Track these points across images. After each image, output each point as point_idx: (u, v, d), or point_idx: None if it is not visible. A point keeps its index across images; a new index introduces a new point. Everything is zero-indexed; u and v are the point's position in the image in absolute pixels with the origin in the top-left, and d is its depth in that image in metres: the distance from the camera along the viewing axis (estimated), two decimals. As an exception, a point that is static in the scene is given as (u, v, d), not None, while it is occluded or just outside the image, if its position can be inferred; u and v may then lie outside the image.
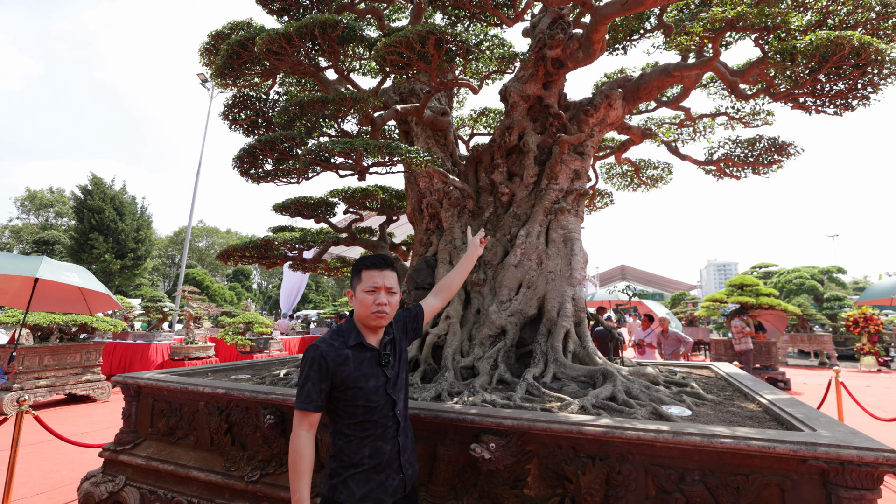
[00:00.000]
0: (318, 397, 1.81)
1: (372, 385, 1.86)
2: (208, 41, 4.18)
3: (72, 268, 5.68)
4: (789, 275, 19.86)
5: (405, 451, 1.95)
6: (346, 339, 1.91)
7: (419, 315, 2.24)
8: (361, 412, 1.84)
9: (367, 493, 1.80)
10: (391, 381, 1.94)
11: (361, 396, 1.84)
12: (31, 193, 45.59)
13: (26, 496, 4.51)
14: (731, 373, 3.86)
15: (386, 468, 1.86)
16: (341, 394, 1.84)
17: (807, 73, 3.43)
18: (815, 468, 1.91)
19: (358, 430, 1.85)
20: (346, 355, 1.85)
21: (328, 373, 1.82)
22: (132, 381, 3.63)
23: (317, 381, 1.81)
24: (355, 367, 1.85)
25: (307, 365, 1.84)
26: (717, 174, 4.81)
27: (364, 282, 1.96)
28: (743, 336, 10.11)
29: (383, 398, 1.89)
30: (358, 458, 1.82)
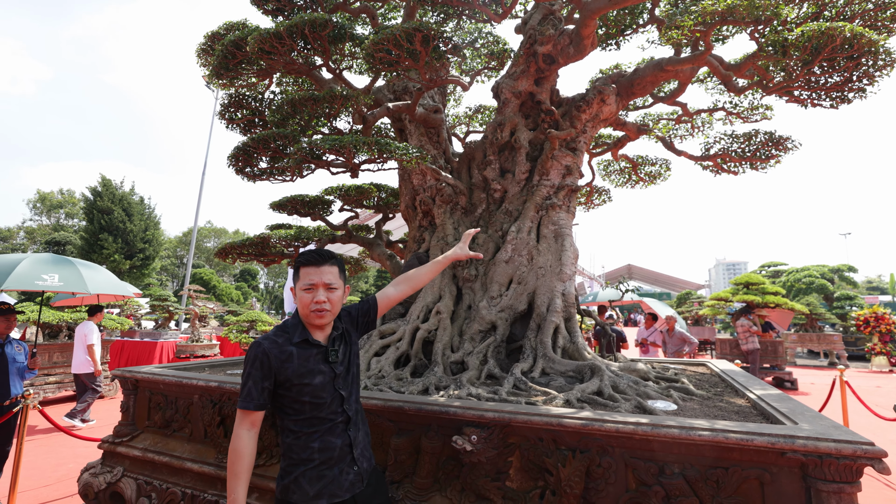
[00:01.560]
0: (260, 396, 1.75)
1: (318, 381, 1.81)
2: (205, 42, 4.24)
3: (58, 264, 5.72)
4: (798, 273, 19.62)
5: (357, 444, 1.90)
6: (290, 336, 1.86)
7: (372, 307, 2.16)
8: (308, 409, 1.80)
9: (321, 491, 1.75)
10: (339, 377, 1.89)
11: (307, 393, 1.79)
12: (42, 195, 46.40)
13: (33, 488, 4.64)
14: (726, 370, 3.84)
15: (338, 462, 1.81)
16: (286, 391, 1.79)
17: (800, 66, 3.39)
18: (794, 461, 1.90)
19: (305, 426, 1.80)
20: (289, 352, 1.80)
21: (271, 370, 1.77)
22: (130, 374, 3.69)
23: (259, 380, 1.76)
24: (300, 364, 1.80)
25: (249, 363, 1.78)
26: (714, 170, 4.77)
27: (301, 280, 1.90)
28: (749, 335, 10.02)
29: (330, 394, 1.84)
30: (307, 453, 1.77)
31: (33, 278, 5.27)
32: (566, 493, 2.15)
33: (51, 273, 5.54)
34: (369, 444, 2.02)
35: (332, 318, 1.94)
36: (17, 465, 4.17)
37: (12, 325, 4.40)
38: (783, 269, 21.02)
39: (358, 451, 1.89)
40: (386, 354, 3.44)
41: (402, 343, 3.50)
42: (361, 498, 1.85)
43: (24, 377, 4.51)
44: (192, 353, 10.53)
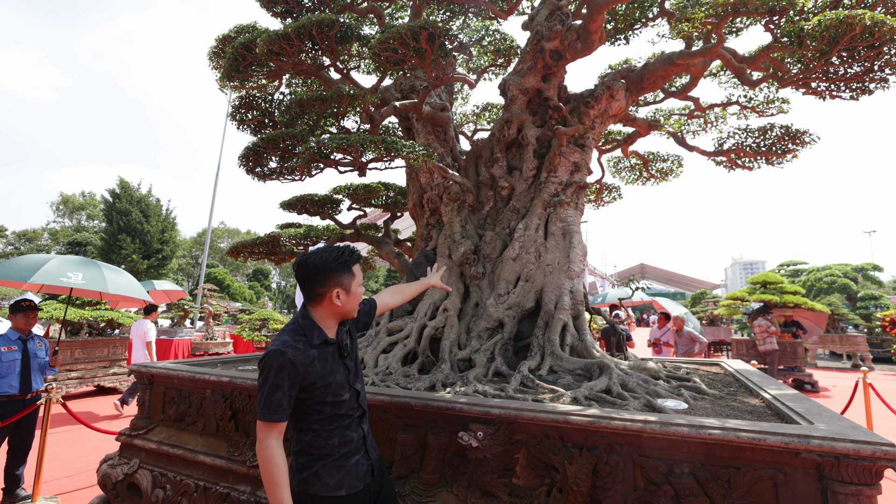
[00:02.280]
0: (289, 406, 1.73)
1: (338, 379, 1.85)
2: (216, 45, 4.29)
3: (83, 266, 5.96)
4: (819, 273, 19.12)
5: (368, 436, 1.99)
6: (309, 339, 1.84)
7: (371, 309, 2.28)
8: (329, 408, 1.83)
9: (340, 481, 1.80)
10: (352, 373, 1.95)
11: (329, 393, 1.82)
12: (64, 198, 47.66)
13: (56, 478, 4.79)
14: (741, 369, 3.76)
15: (355, 454, 1.87)
16: (309, 394, 1.79)
17: (817, 57, 3.30)
18: (810, 462, 1.84)
19: (326, 424, 1.83)
20: (312, 356, 1.80)
21: (297, 378, 1.74)
22: (146, 369, 3.77)
23: (286, 389, 1.71)
24: (321, 366, 1.81)
25: (273, 372, 1.71)
26: (727, 165, 4.68)
27: (358, 277, 1.97)
28: (767, 336, 9.81)
29: (348, 391, 1.89)
30: (327, 449, 1.81)
31: (59, 275, 5.54)
32: (573, 491, 2.12)
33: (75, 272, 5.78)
34: (372, 435, 2.10)
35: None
36: (41, 457, 4.33)
37: (32, 322, 4.53)
38: (803, 268, 20.51)
39: (369, 442, 1.97)
40: (393, 351, 3.45)
41: (409, 340, 3.50)
42: (373, 485, 1.93)
43: (45, 373, 4.64)
44: (207, 351, 10.70)
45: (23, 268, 5.45)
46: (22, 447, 4.43)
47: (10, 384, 4.25)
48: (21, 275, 5.36)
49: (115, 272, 6.55)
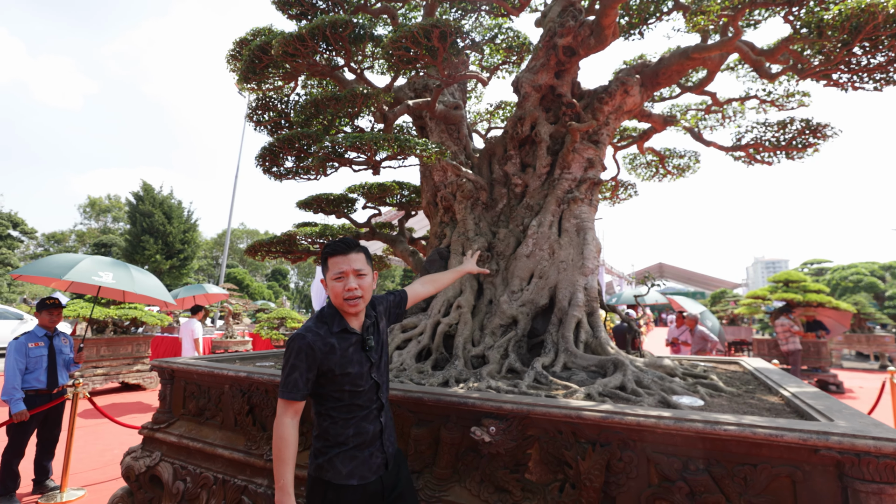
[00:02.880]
0: (305, 387, 1.81)
1: (357, 370, 1.87)
2: (233, 48, 4.38)
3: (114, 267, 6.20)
4: (845, 271, 18.58)
5: (387, 430, 1.99)
6: (330, 326, 1.89)
7: (403, 300, 2.26)
8: (347, 396, 1.87)
9: (352, 471, 1.84)
10: (375, 365, 1.96)
11: (347, 382, 1.85)
12: (91, 200, 49.01)
13: (82, 471, 4.97)
14: (760, 367, 3.69)
15: (369, 446, 1.90)
16: (327, 381, 1.85)
17: (838, 47, 3.22)
18: (829, 459, 1.81)
19: (343, 412, 1.87)
20: (331, 344, 1.84)
21: (315, 362, 1.81)
22: (167, 365, 3.87)
23: (304, 371, 1.80)
24: (341, 355, 1.85)
25: (293, 354, 1.81)
26: (746, 160, 4.59)
27: (331, 269, 1.94)
28: (790, 335, 9.59)
29: (368, 382, 1.91)
30: (343, 437, 1.86)
31: (91, 274, 5.80)
32: (586, 487, 2.11)
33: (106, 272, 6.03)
34: (394, 429, 2.11)
35: (365, 305, 1.98)
36: (68, 450, 4.48)
37: (57, 320, 4.69)
38: (828, 266, 19.97)
39: (386, 436, 1.98)
40: (407, 348, 3.47)
41: (423, 337, 3.52)
42: (387, 478, 1.93)
43: (70, 369, 4.80)
44: (227, 349, 10.90)
45: (58, 265, 5.72)
46: (50, 440, 4.60)
47: (38, 379, 4.42)
48: (56, 272, 5.63)
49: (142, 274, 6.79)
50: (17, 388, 4.21)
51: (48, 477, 4.60)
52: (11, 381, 4.21)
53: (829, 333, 10.70)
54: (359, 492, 1.83)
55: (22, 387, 4.28)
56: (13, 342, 4.38)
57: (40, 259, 5.91)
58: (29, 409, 4.24)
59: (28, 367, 4.37)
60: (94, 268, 5.86)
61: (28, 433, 4.35)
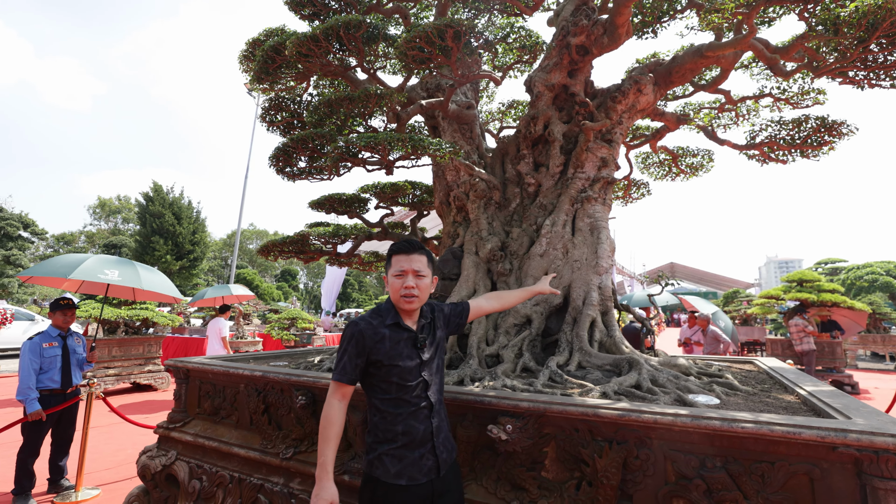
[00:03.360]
0: (353, 371, 1.90)
1: (405, 365, 1.93)
2: (246, 48, 4.43)
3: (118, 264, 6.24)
4: (860, 271, 18.34)
5: (439, 433, 2.00)
6: (384, 318, 1.98)
7: (465, 311, 2.32)
8: (395, 389, 1.92)
9: (401, 471, 1.86)
10: (425, 364, 2.00)
11: (395, 374, 1.91)
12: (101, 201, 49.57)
13: (97, 470, 5.00)
14: (775, 367, 3.66)
15: (419, 447, 1.91)
16: (376, 370, 1.92)
17: (855, 44, 3.19)
18: (847, 456, 1.80)
19: (391, 406, 1.92)
20: (382, 334, 1.93)
21: (364, 349, 1.90)
22: (181, 364, 3.89)
23: (353, 356, 1.90)
24: (391, 346, 1.92)
25: (346, 340, 1.93)
26: (760, 159, 4.56)
27: (393, 266, 2.04)
28: (804, 336, 9.50)
29: (416, 378, 1.95)
30: (392, 434, 1.90)
31: (96, 272, 5.81)
32: (603, 485, 2.12)
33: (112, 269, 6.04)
34: (451, 436, 2.13)
35: (420, 305, 2.06)
36: (83, 450, 4.49)
37: (70, 320, 4.73)
38: (842, 266, 19.72)
39: (439, 440, 1.99)
40: (421, 347, 3.48)
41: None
42: (438, 484, 1.94)
43: (83, 368, 4.83)
44: (237, 349, 10.99)
45: (63, 265, 5.72)
46: (64, 439, 4.63)
47: (53, 378, 4.44)
48: (61, 272, 5.64)
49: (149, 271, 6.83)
50: (31, 387, 4.23)
51: (63, 476, 4.63)
52: (26, 380, 4.24)
53: (844, 334, 10.59)
54: (408, 493, 1.85)
55: (37, 387, 4.30)
56: (27, 342, 4.41)
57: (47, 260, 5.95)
58: (44, 409, 4.27)
59: (42, 367, 4.39)
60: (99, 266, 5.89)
61: (43, 433, 4.38)
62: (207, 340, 9.17)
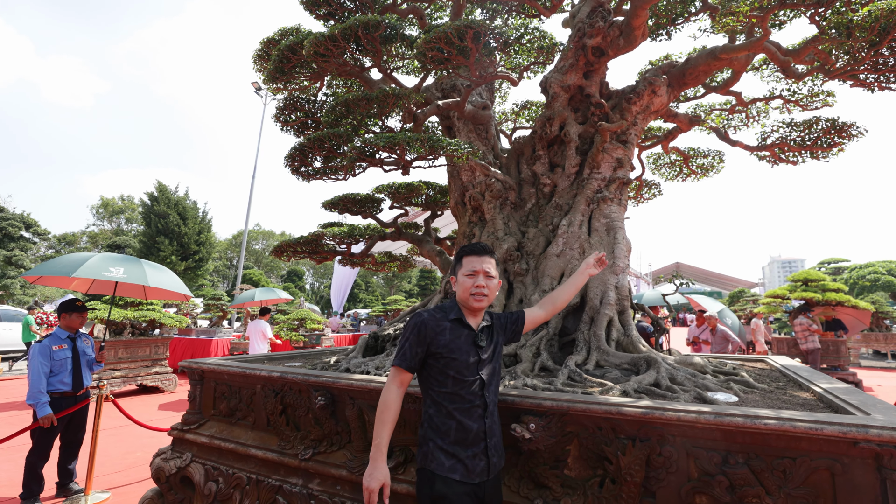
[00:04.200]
0: (413, 359, 1.99)
1: (463, 359, 2.00)
2: (260, 48, 4.46)
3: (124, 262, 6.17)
4: (862, 270, 18.38)
5: (492, 435, 2.05)
6: (447, 313, 2.08)
7: (520, 319, 2.37)
8: (451, 383, 1.99)
9: (455, 466, 1.92)
10: (483, 363, 2.06)
11: (452, 367, 1.98)
12: (104, 201, 49.54)
13: (106, 473, 4.95)
14: (787, 365, 3.70)
15: (472, 446, 1.96)
16: (435, 361, 2.00)
17: (866, 48, 3.23)
18: (868, 451, 1.83)
19: (446, 399, 1.98)
20: (444, 326, 2.03)
21: (425, 339, 1.99)
22: (196, 366, 3.87)
23: (414, 344, 1.99)
24: (451, 339, 2.01)
25: (409, 329, 2.02)
26: (771, 160, 4.59)
27: (464, 266, 2.13)
28: (809, 334, 9.54)
29: (472, 375, 2.01)
30: (445, 428, 1.96)
31: (101, 270, 5.69)
32: (626, 482, 2.15)
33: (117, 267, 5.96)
34: (501, 441, 2.17)
35: (488, 304, 2.13)
36: (93, 453, 4.41)
37: (83, 321, 4.71)
38: (845, 265, 19.76)
39: (492, 443, 2.04)
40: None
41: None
42: (488, 487, 1.99)
43: (93, 369, 4.76)
44: (245, 351, 11.00)
45: (66, 264, 5.61)
46: (74, 442, 4.56)
47: (63, 381, 4.37)
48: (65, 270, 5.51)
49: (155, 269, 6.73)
50: (42, 391, 4.16)
51: (72, 480, 4.57)
52: (37, 384, 4.16)
53: (847, 332, 10.62)
54: (463, 487, 1.90)
55: (47, 390, 4.24)
56: (36, 345, 4.33)
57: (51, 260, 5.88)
58: (55, 412, 4.20)
59: (53, 370, 4.32)
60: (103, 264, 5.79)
61: (53, 436, 4.31)
62: (250, 341, 9.69)
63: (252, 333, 9.54)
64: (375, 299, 47.74)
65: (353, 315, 27.05)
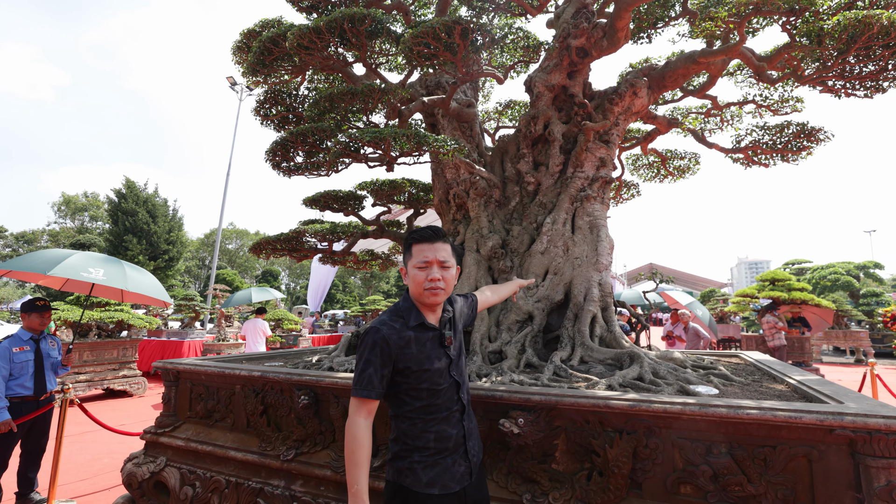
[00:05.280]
0: (380, 384, 1.69)
1: (436, 367, 1.77)
2: (240, 39, 4.35)
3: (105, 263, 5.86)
4: (823, 271, 19.26)
5: (471, 436, 1.86)
6: (406, 320, 1.78)
7: (475, 304, 2.20)
8: (426, 395, 1.75)
9: (434, 479, 1.70)
10: (454, 363, 1.85)
11: (426, 379, 1.74)
12: (66, 198, 47.48)
13: (70, 482, 4.72)
14: (761, 359, 3.84)
15: (452, 453, 1.76)
16: (404, 378, 1.74)
17: (835, 55, 3.38)
18: (843, 438, 1.92)
19: (422, 413, 1.75)
20: (408, 337, 1.74)
21: (391, 357, 1.70)
22: (171, 366, 3.76)
23: (379, 367, 1.68)
24: (418, 350, 1.75)
25: (367, 349, 1.70)
26: (744, 162, 4.76)
27: (415, 257, 1.83)
28: (775, 332, 9.93)
29: (447, 380, 1.80)
30: (423, 441, 1.73)
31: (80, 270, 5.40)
32: (614, 474, 2.19)
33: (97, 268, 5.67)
34: (479, 437, 2.00)
35: (445, 298, 1.87)
36: (56, 460, 4.17)
37: (47, 322, 4.42)
38: (807, 266, 20.68)
39: (471, 444, 1.85)
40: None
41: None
42: (470, 490, 1.80)
43: (58, 373, 4.53)
44: (219, 352, 10.72)
45: (44, 260, 5.26)
46: (36, 450, 4.33)
47: (24, 385, 4.13)
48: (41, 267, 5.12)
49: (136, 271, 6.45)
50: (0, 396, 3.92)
51: (33, 489, 4.31)
52: None
53: (811, 330, 11.10)
54: (442, 500, 1.70)
55: (6, 394, 4.00)
56: None
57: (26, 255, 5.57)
58: (14, 418, 3.95)
59: (13, 373, 4.09)
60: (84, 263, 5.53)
61: (12, 444, 4.07)
62: (246, 340, 9.86)
63: (250, 332, 9.63)
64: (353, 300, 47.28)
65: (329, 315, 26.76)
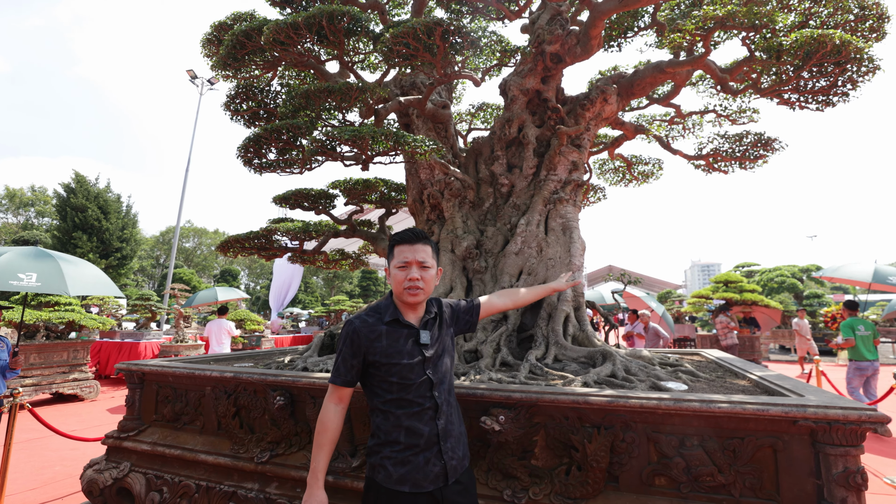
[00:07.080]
0: (348, 372, 1.82)
1: (406, 362, 1.81)
2: (210, 32, 4.21)
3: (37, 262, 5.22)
4: (771, 273, 20.43)
5: (447, 437, 1.84)
6: (381, 316, 1.88)
7: (474, 309, 2.21)
8: (396, 388, 1.80)
9: (405, 476, 1.73)
10: (430, 361, 1.87)
11: (395, 373, 1.80)
12: (10, 192, 44.38)
13: (19, 492, 4.45)
14: (721, 357, 4.03)
15: (424, 451, 1.77)
16: (375, 370, 1.83)
17: (791, 70, 3.61)
18: (805, 428, 2.05)
19: (393, 406, 1.80)
20: (379, 331, 1.83)
21: (360, 349, 1.81)
22: (136, 367, 3.62)
23: (348, 357, 1.81)
24: (389, 344, 1.82)
25: (341, 340, 1.85)
26: (706, 169, 5.01)
27: (396, 257, 1.92)
28: (728, 331, 10.43)
29: (419, 376, 1.83)
30: (394, 436, 1.77)
31: (8, 277, 4.86)
32: (592, 468, 2.25)
33: (28, 272, 5.11)
34: (464, 441, 1.97)
35: (425, 298, 1.95)
36: (3, 469, 3.95)
37: None
38: (756, 269, 21.87)
39: (447, 444, 1.83)
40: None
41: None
42: (446, 493, 1.78)
43: (7, 376, 4.28)
44: (177, 353, 10.29)
45: None
46: None
47: None
48: None
49: (73, 265, 5.84)
50: None
51: None
52: None
53: (760, 329, 11.73)
54: (413, 499, 1.72)
55: None
56: None
57: None
58: None
59: None
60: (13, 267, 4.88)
61: None
62: (209, 341, 9.34)
63: (214, 333, 9.16)
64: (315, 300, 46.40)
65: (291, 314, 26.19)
